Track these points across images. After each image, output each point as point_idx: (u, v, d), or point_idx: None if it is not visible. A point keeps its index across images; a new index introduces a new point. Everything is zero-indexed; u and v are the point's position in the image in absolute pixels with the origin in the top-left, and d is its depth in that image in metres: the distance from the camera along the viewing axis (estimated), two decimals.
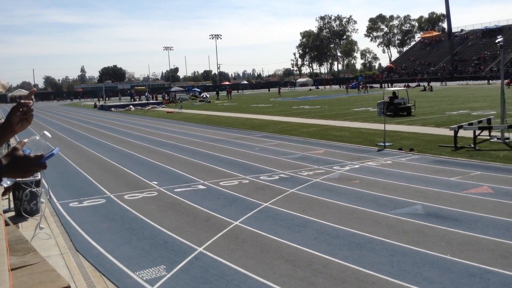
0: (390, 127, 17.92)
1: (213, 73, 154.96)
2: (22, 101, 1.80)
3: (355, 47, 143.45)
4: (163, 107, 48.71)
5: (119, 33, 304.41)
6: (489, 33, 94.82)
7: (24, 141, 1.68)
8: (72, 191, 10.15)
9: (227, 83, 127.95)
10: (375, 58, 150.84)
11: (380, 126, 17.18)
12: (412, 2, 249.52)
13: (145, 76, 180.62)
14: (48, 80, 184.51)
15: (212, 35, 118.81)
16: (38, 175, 8.21)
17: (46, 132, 1.71)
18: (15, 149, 1.65)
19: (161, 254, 6.05)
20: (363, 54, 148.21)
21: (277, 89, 76.36)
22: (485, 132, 14.57)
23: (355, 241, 6.23)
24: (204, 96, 63.87)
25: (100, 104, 57.39)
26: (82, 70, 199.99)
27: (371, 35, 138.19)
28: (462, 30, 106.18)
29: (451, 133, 13.89)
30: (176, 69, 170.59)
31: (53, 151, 1.67)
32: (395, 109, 23.54)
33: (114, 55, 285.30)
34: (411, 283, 4.86)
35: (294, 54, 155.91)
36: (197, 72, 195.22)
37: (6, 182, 1.72)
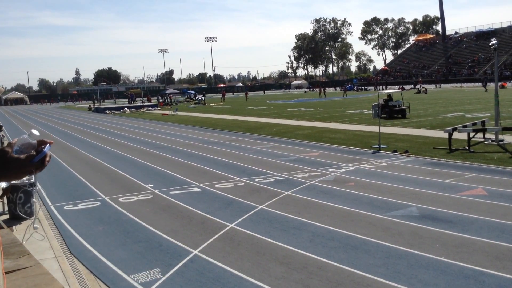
0: (385, 129, 17.97)
1: (208, 75, 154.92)
2: (48, 159, 1.65)
3: (350, 49, 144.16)
4: (158, 109, 48.67)
5: (113, 36, 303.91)
6: (483, 35, 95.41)
7: (13, 142, 1.66)
8: (66, 194, 10.10)
9: (222, 85, 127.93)
10: (370, 60, 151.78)
11: (375, 129, 17.23)
12: (406, 5, 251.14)
13: (140, 78, 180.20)
14: (43, 83, 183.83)
15: (207, 38, 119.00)
16: (32, 178, 8.16)
17: (34, 131, 1.68)
18: (6, 152, 1.61)
19: (156, 257, 6.03)
20: (358, 57, 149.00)
21: (245, 93, 70.11)
22: (479, 134, 14.62)
23: (350, 243, 6.24)
24: (199, 98, 63.72)
25: (95, 106, 57.17)
26: (77, 72, 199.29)
27: (366, 38, 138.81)
28: (456, 32, 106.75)
29: (446, 135, 13.96)
30: (171, 72, 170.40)
31: (44, 149, 1.65)
32: (390, 111, 23.64)
33: (109, 58, 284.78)
34: (406, 285, 4.87)
35: (289, 57, 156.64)
36: (192, 74, 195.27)
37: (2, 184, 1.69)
